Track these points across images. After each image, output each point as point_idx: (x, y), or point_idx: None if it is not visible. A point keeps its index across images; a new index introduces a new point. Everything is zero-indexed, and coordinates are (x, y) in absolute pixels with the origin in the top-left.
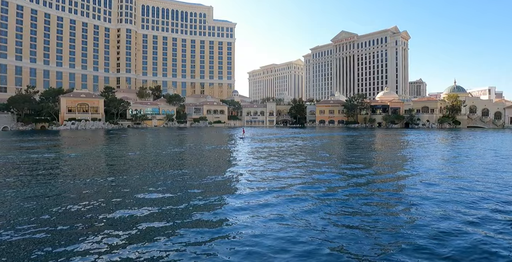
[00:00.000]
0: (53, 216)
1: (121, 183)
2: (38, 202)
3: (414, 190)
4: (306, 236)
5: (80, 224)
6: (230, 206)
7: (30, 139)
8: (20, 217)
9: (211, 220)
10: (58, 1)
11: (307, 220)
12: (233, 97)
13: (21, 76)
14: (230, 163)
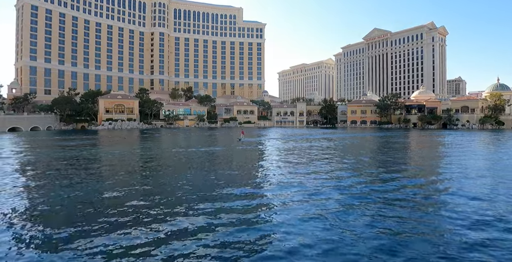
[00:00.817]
0: (89, 210)
1: (158, 181)
2: (87, 199)
3: (451, 196)
4: (339, 237)
5: (112, 218)
6: (263, 205)
7: (71, 138)
8: (63, 209)
9: (244, 218)
10: (97, 7)
11: (340, 222)
12: (263, 98)
13: (63, 79)
14: (260, 162)
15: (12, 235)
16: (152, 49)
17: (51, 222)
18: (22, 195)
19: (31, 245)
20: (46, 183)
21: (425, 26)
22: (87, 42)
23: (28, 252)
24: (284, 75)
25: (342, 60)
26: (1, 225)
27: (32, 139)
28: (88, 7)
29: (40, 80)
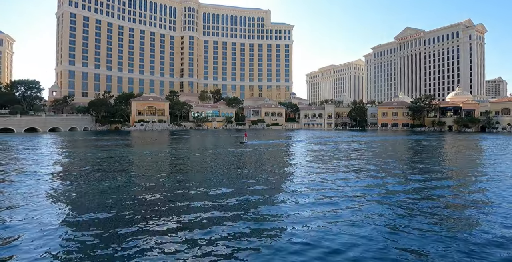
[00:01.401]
0: (121, 206)
1: (187, 180)
2: (119, 195)
3: (489, 207)
4: (369, 240)
5: (141, 215)
6: (289, 206)
7: (106, 138)
8: (95, 206)
9: (270, 219)
10: (130, 13)
11: (370, 224)
12: (290, 100)
13: (99, 82)
14: (287, 164)
15: (47, 228)
16: (182, 52)
17: (85, 216)
18: (60, 190)
19: (65, 236)
20: (83, 179)
21: (462, 24)
22: (121, 47)
23: (60, 243)
24: (312, 77)
25: (372, 61)
26: (38, 218)
27: (71, 139)
28: (122, 14)
29: (77, 83)
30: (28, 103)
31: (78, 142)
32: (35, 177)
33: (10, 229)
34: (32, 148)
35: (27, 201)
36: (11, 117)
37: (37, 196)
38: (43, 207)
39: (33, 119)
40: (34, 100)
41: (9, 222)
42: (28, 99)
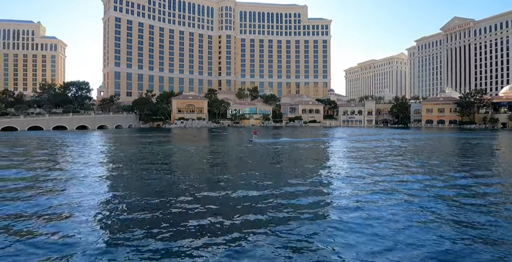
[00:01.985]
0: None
1: (227, 176)
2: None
3: None
4: (412, 242)
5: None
6: (329, 205)
7: (149, 135)
8: (140, 198)
9: (312, 218)
10: (170, 15)
11: (414, 227)
12: (328, 96)
13: (142, 82)
14: (326, 161)
15: (85, 220)
16: (219, 51)
17: (125, 210)
18: (106, 183)
19: (104, 227)
20: (128, 173)
21: None
22: (161, 47)
23: (99, 235)
24: (351, 73)
25: (416, 54)
26: (79, 209)
27: (117, 136)
28: (162, 16)
29: (122, 84)
30: (79, 103)
31: (124, 139)
32: (87, 171)
33: (61, 212)
34: (85, 144)
35: (77, 192)
36: (64, 116)
37: (84, 187)
38: (92, 195)
39: (83, 117)
40: (84, 100)
41: (63, 210)
42: (79, 99)
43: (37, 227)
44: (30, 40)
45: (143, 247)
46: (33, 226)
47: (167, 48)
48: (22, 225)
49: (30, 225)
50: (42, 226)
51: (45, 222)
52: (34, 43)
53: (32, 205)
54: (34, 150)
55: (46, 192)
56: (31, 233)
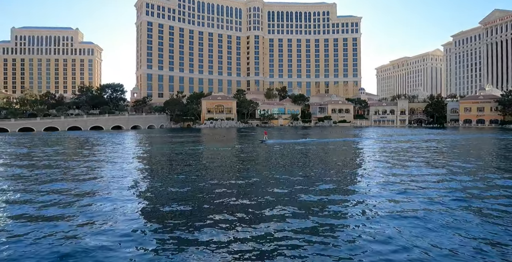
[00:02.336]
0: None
1: (254, 176)
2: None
3: None
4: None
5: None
6: (361, 206)
7: (179, 135)
8: (170, 195)
9: (342, 217)
10: (199, 18)
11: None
12: (359, 96)
13: (172, 83)
14: (355, 162)
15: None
16: (248, 52)
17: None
18: (138, 181)
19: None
20: (162, 170)
21: None
22: (191, 49)
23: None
24: (383, 71)
25: (452, 50)
26: (110, 203)
27: (150, 135)
28: (192, 18)
29: (154, 85)
30: (114, 104)
31: (156, 138)
32: (122, 168)
33: (96, 205)
34: (121, 143)
35: (112, 186)
36: (101, 116)
37: (121, 184)
38: (125, 190)
39: (118, 118)
40: (119, 101)
41: (97, 203)
42: (114, 100)
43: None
44: (70, 46)
45: (176, 241)
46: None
47: (196, 50)
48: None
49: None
50: (81, 215)
51: (84, 217)
52: (73, 48)
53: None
54: (76, 149)
55: (90, 188)
56: (63, 217)
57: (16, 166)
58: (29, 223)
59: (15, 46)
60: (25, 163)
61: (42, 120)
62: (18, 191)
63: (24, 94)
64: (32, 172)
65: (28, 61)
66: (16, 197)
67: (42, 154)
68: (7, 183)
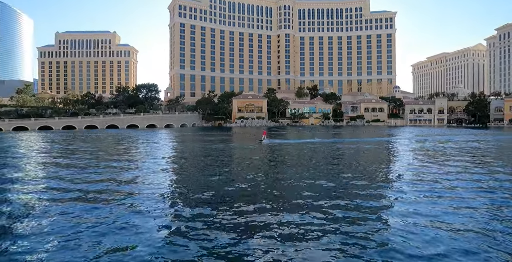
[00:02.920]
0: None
1: (285, 173)
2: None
3: None
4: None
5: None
6: (394, 209)
7: (210, 134)
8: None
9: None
10: (230, 18)
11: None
12: (393, 94)
13: (204, 83)
14: (389, 162)
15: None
16: (278, 50)
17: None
18: (171, 177)
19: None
20: (195, 168)
21: None
22: (222, 49)
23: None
24: (419, 68)
25: (496, 44)
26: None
27: (183, 134)
28: (223, 19)
29: (187, 85)
30: (148, 103)
31: (189, 136)
32: (156, 166)
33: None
34: (156, 141)
35: (147, 182)
36: (136, 115)
37: (155, 180)
38: (160, 189)
39: (152, 117)
40: (153, 101)
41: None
42: (149, 100)
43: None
44: (108, 48)
45: (203, 238)
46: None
47: (227, 50)
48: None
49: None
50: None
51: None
52: (111, 50)
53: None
54: (116, 145)
55: (126, 180)
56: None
57: (68, 158)
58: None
59: (59, 50)
60: (75, 156)
61: (83, 119)
62: (70, 180)
63: (67, 94)
64: (79, 164)
65: (70, 64)
66: (68, 184)
67: (87, 149)
68: (63, 172)
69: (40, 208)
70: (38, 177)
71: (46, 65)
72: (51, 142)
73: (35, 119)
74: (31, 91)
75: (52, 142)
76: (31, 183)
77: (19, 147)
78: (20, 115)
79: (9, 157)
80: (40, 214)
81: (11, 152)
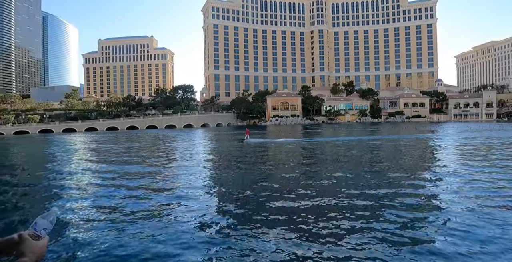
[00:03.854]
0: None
1: (321, 171)
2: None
3: None
4: None
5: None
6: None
7: (254, 132)
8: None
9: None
10: (262, 16)
11: None
12: (436, 88)
13: (238, 82)
14: (430, 162)
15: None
16: (312, 47)
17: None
18: (206, 175)
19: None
20: (231, 167)
21: None
22: (256, 48)
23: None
24: (464, 59)
25: None
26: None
27: (219, 133)
28: (255, 18)
29: (221, 85)
30: (185, 104)
31: (223, 136)
32: (193, 164)
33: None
34: (193, 139)
35: (186, 181)
36: (174, 116)
37: (194, 177)
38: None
39: (189, 117)
40: (189, 101)
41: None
42: (185, 100)
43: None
44: (146, 52)
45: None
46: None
47: (260, 49)
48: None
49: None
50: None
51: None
52: (149, 54)
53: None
54: (157, 144)
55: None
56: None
57: (116, 156)
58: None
59: (102, 56)
60: (123, 154)
61: (125, 120)
62: (117, 176)
63: (109, 97)
64: (125, 161)
65: (112, 68)
66: (117, 180)
67: (130, 148)
68: (113, 167)
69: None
70: (101, 171)
71: (91, 70)
72: (108, 142)
73: (82, 121)
74: (78, 96)
75: (108, 141)
76: (95, 177)
77: (86, 148)
78: (68, 118)
79: (79, 155)
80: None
81: (76, 150)
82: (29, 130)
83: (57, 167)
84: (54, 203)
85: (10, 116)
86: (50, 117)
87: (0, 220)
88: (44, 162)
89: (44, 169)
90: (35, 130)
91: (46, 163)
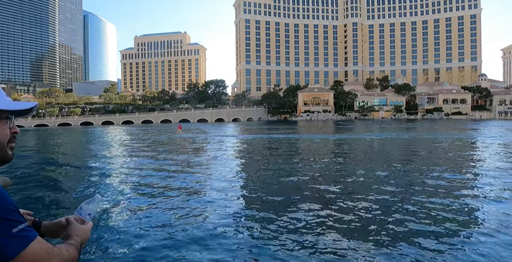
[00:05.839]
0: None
1: (351, 168)
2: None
3: None
4: None
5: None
6: None
7: (276, 127)
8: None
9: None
10: (294, 10)
11: None
12: (479, 83)
13: (269, 77)
14: (472, 162)
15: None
16: (345, 41)
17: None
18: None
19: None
20: (262, 160)
21: None
22: (287, 43)
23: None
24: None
25: None
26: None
27: (249, 127)
28: (287, 12)
29: (253, 79)
30: (217, 98)
31: (254, 130)
32: (223, 158)
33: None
34: (225, 133)
35: (216, 174)
36: (206, 110)
37: (223, 171)
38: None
39: (220, 111)
40: (221, 96)
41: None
42: (217, 95)
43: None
44: (179, 48)
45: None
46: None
47: (292, 43)
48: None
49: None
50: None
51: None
52: (182, 50)
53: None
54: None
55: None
56: None
57: (155, 146)
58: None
59: (137, 52)
60: (163, 145)
61: (159, 114)
62: (153, 168)
63: (144, 92)
64: (161, 152)
65: (148, 64)
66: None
67: (166, 139)
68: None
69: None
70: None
71: (128, 66)
72: (149, 133)
73: (119, 114)
74: (115, 90)
75: (148, 132)
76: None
77: (133, 138)
78: (107, 111)
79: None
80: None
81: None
82: (71, 122)
83: (104, 157)
84: (98, 190)
85: (54, 109)
86: (90, 111)
87: (51, 204)
88: (95, 150)
89: (94, 157)
90: (76, 122)
91: (96, 151)
